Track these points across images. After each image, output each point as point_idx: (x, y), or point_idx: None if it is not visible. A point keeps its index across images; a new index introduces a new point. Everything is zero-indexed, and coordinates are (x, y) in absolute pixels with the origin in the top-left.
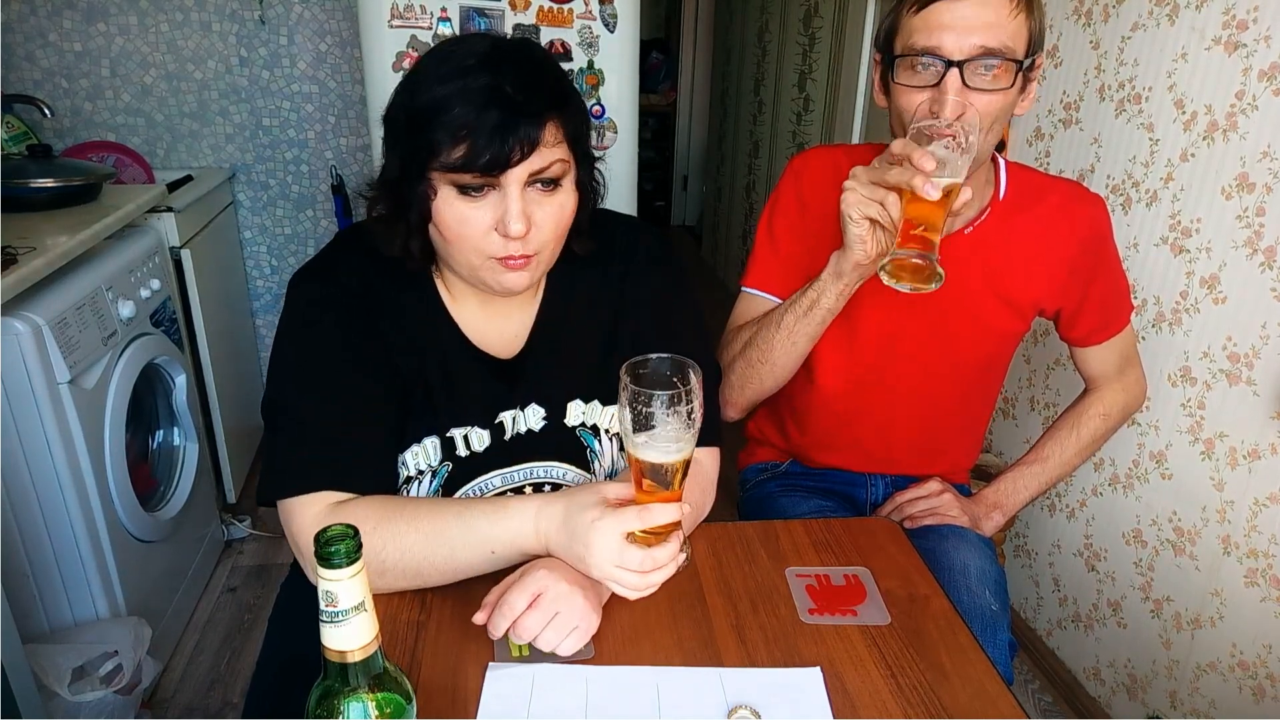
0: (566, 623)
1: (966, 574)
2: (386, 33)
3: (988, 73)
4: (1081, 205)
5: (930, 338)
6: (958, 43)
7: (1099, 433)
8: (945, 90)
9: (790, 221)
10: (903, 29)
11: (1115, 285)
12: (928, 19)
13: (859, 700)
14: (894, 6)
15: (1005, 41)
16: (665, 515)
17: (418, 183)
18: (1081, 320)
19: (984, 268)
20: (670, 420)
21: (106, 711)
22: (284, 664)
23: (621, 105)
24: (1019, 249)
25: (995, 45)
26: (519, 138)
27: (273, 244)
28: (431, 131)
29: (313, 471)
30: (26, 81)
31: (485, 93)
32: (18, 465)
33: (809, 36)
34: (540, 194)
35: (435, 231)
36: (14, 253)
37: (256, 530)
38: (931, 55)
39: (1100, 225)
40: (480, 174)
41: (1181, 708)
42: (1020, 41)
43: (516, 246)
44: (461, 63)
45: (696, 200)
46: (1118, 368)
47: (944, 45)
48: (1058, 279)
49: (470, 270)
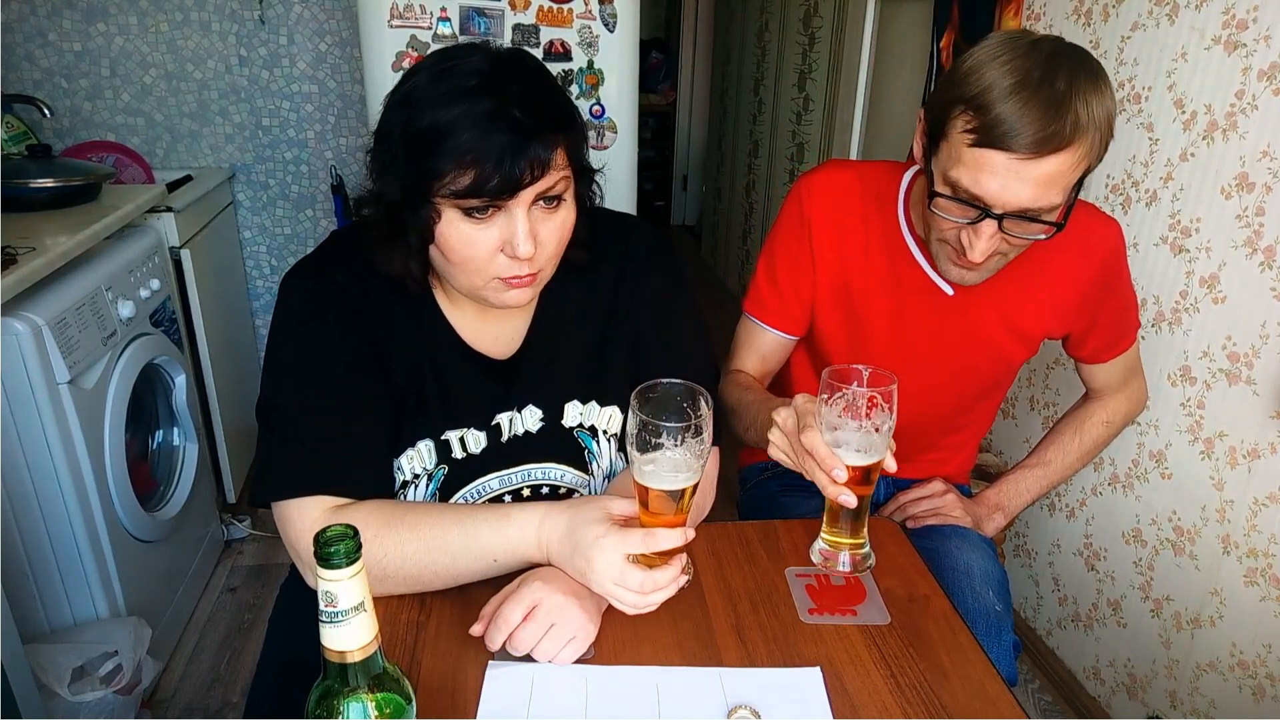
0: (563, 633)
1: (970, 575)
2: (386, 33)
3: (1029, 224)
4: (1097, 229)
5: (939, 363)
6: (1002, 200)
7: (1101, 439)
8: (979, 235)
9: (790, 250)
10: (951, 143)
11: (1126, 306)
12: (979, 161)
13: (859, 700)
14: (952, 84)
15: (1054, 200)
16: (670, 541)
17: (420, 206)
18: (1090, 340)
19: (998, 302)
20: (679, 448)
21: (106, 711)
22: (284, 664)
23: (621, 105)
24: (1032, 280)
25: (1042, 206)
26: (529, 160)
27: (272, 244)
28: (436, 157)
29: (309, 474)
30: (26, 81)
31: (492, 116)
32: (18, 465)
33: (809, 36)
34: (543, 212)
35: (437, 253)
36: (14, 253)
37: (256, 530)
38: (972, 203)
39: (1116, 248)
40: (490, 198)
41: (1181, 707)
42: (1072, 184)
43: (523, 266)
44: (462, 83)
45: (696, 200)
46: (1122, 379)
47: (988, 196)
48: (1070, 307)
49: (472, 290)
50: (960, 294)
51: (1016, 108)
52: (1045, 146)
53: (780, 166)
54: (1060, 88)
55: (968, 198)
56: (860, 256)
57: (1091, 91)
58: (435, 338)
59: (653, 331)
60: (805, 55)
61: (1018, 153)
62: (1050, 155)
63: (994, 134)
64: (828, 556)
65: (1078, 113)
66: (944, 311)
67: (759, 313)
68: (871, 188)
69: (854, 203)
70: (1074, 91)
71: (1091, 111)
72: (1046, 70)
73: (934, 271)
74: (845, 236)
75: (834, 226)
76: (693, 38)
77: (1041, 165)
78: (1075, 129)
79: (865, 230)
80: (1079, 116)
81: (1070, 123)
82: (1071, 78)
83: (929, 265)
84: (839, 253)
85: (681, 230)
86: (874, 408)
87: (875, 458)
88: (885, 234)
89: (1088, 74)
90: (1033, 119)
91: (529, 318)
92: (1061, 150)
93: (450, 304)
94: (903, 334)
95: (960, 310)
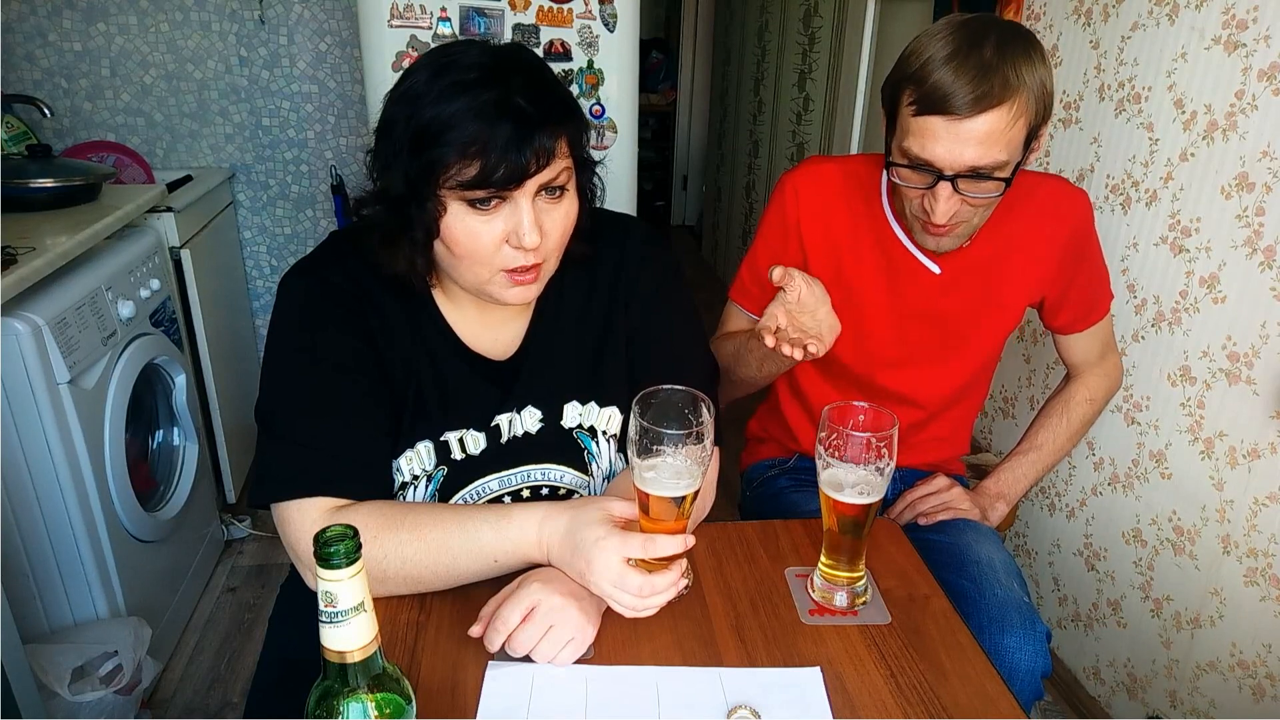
0: (562, 635)
1: (994, 568)
2: (386, 33)
3: (980, 182)
4: (1068, 197)
5: (934, 339)
6: (950, 160)
7: (1088, 417)
8: (937, 198)
9: (771, 244)
10: (900, 117)
11: (1098, 275)
12: (923, 128)
13: (859, 700)
14: (898, 67)
15: (998, 157)
16: (670, 547)
17: (426, 200)
18: (1065, 308)
19: (982, 274)
20: (680, 456)
21: (106, 711)
22: (284, 664)
23: (621, 105)
24: (1012, 250)
25: (987, 163)
26: (534, 149)
27: (272, 244)
28: (441, 149)
29: (308, 475)
30: (26, 81)
31: (496, 106)
32: (18, 465)
33: (809, 36)
34: (547, 202)
35: (442, 248)
36: (14, 253)
37: (256, 530)
38: (925, 167)
39: (1086, 216)
40: (496, 188)
41: (1181, 707)
42: (1016, 144)
43: (528, 257)
44: (462, 76)
45: (696, 200)
46: (1099, 353)
47: (936, 159)
48: (1046, 272)
49: (477, 285)
50: (947, 271)
51: (949, 75)
52: (978, 106)
53: (780, 166)
54: (988, 55)
55: (920, 163)
56: (850, 245)
57: (1020, 56)
58: (434, 339)
59: (651, 330)
60: (805, 55)
61: (954, 114)
62: (984, 114)
63: (932, 100)
64: (825, 594)
65: (1005, 74)
66: (934, 290)
67: (742, 299)
68: (854, 179)
69: (838, 195)
70: (1001, 57)
71: (1020, 73)
72: (976, 42)
73: (920, 252)
74: (833, 227)
75: (821, 220)
76: (693, 38)
77: (977, 123)
78: (1005, 88)
79: (852, 220)
80: (1007, 78)
81: (999, 83)
82: (1000, 46)
83: (915, 247)
84: (829, 243)
85: (681, 230)
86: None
87: (875, 497)
88: (871, 222)
89: (1017, 43)
90: (964, 82)
91: (527, 319)
92: (993, 108)
93: (449, 305)
94: (899, 313)
95: (950, 287)
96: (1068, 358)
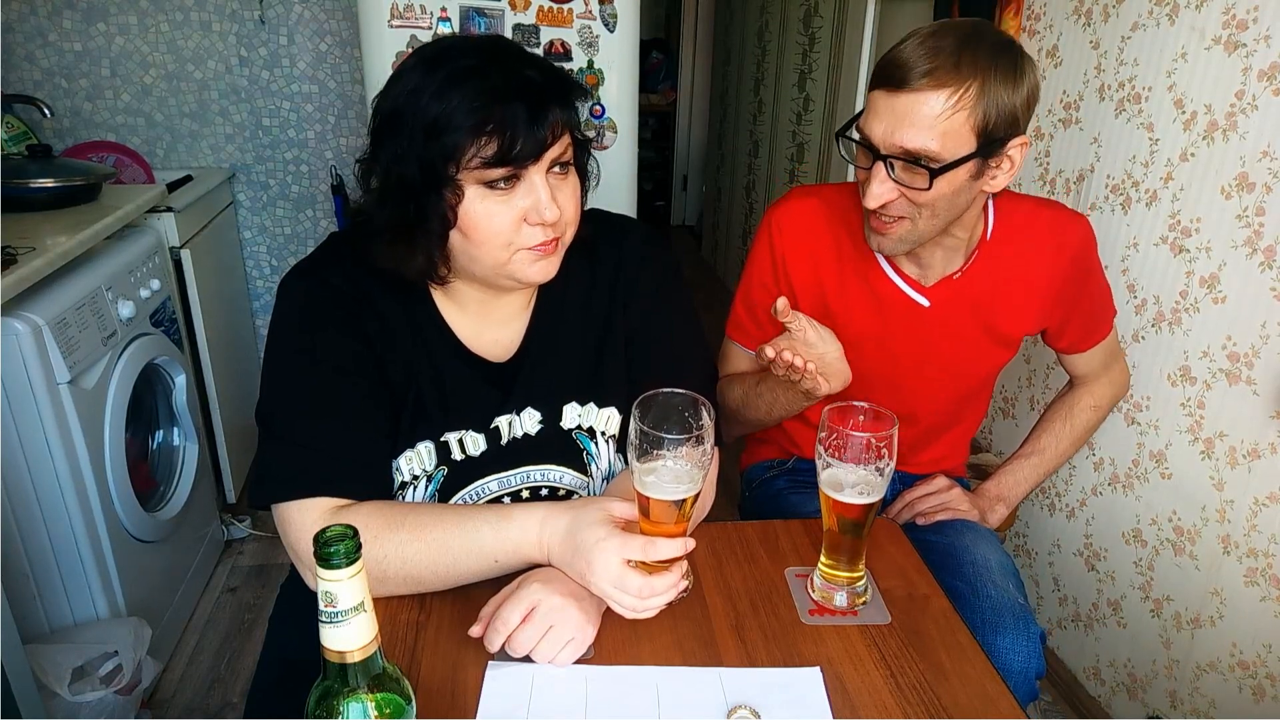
0: (561, 635)
1: (989, 568)
2: (386, 33)
3: (910, 170)
4: (1067, 225)
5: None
6: (883, 137)
7: (1091, 424)
8: (872, 179)
9: (764, 282)
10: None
11: (1100, 296)
12: (871, 103)
13: (859, 700)
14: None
15: (928, 144)
16: (669, 550)
17: (444, 186)
18: (1068, 332)
19: (974, 307)
20: (680, 459)
21: (106, 711)
22: (284, 664)
23: (621, 105)
24: (1008, 283)
25: (915, 148)
26: (549, 123)
27: (273, 244)
28: (456, 133)
29: (308, 475)
30: (26, 81)
31: (506, 85)
32: (18, 465)
33: (809, 36)
34: (557, 178)
35: (458, 236)
36: (14, 253)
37: (256, 530)
38: (865, 142)
39: (1086, 242)
40: (515, 165)
41: (1181, 707)
42: (956, 141)
43: (548, 231)
44: (462, 62)
45: (696, 200)
46: (1104, 364)
47: (874, 136)
48: (1045, 304)
49: (495, 269)
50: (937, 304)
51: (906, 50)
52: (918, 81)
53: (780, 166)
54: (950, 41)
55: (861, 139)
56: (836, 281)
57: (986, 58)
58: (433, 340)
59: (650, 331)
60: (805, 55)
61: (894, 88)
62: (922, 92)
63: (880, 74)
64: (824, 594)
65: (959, 61)
66: (923, 323)
67: (738, 336)
68: (838, 212)
69: (823, 229)
70: (963, 47)
71: (978, 69)
72: (950, 31)
73: (909, 286)
74: (819, 264)
75: (806, 256)
76: (693, 38)
77: (912, 100)
78: (951, 73)
79: (838, 255)
80: (959, 64)
81: (946, 65)
82: (970, 40)
83: (903, 281)
84: (814, 279)
85: (681, 230)
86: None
87: (875, 498)
88: (857, 255)
89: (994, 49)
90: (915, 58)
91: (526, 320)
92: (933, 89)
93: (449, 307)
94: (888, 349)
95: (939, 320)
96: (1072, 371)
